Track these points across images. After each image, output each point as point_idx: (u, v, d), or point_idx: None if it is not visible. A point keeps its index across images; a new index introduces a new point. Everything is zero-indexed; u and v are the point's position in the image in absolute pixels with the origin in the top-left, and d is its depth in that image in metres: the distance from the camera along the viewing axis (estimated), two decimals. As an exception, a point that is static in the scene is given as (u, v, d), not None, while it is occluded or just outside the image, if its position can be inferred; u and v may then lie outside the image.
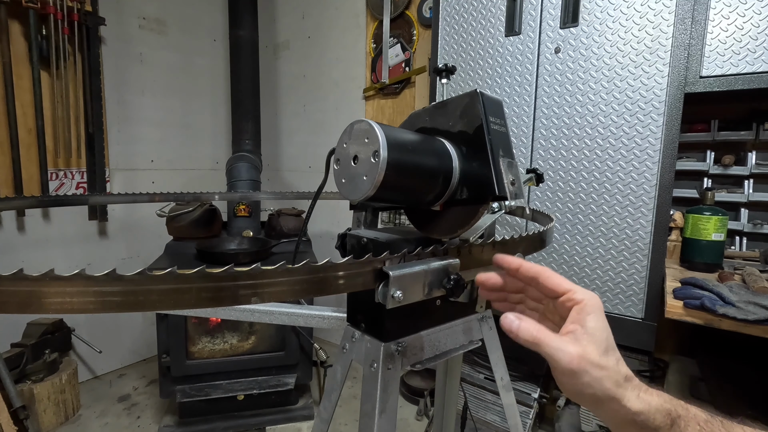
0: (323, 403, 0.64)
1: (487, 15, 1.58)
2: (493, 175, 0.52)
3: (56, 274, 0.30)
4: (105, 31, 2.30)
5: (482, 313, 0.71)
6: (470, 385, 1.88)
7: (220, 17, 2.83)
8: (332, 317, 0.66)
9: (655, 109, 1.30)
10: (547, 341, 0.40)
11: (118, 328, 2.53)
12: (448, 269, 0.49)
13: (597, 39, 1.37)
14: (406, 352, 0.58)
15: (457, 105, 0.57)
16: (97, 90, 2.22)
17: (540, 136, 1.52)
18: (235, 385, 1.98)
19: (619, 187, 1.38)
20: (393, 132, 0.49)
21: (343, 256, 0.58)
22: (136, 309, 0.32)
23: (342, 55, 2.66)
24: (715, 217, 1.30)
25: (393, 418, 0.55)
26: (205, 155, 2.90)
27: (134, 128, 2.52)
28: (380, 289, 0.45)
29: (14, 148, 2.01)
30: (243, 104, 2.49)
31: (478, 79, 1.64)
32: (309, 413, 2.10)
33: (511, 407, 0.79)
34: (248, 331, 2.11)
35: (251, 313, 0.67)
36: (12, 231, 2.09)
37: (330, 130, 2.80)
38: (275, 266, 0.37)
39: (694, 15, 1.25)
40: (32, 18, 1.97)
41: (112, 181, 2.42)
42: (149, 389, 2.34)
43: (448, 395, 0.93)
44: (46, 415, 1.94)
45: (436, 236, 0.61)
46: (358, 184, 0.48)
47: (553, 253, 1.53)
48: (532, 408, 1.75)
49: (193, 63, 2.77)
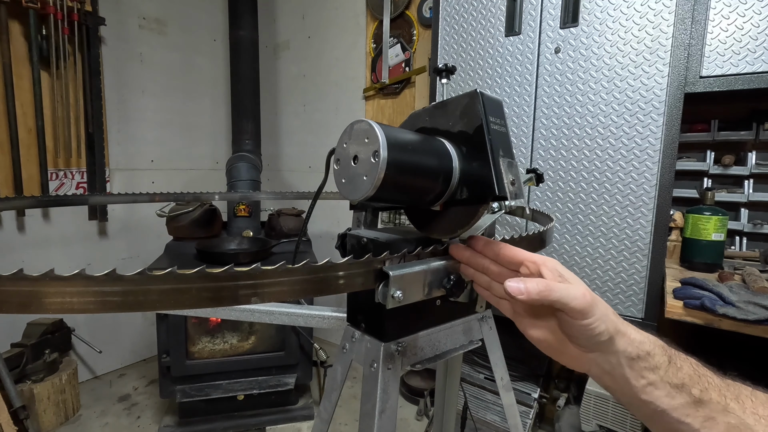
0: (323, 403, 0.64)
1: (487, 15, 1.58)
2: (493, 175, 0.52)
3: (56, 274, 0.30)
4: (105, 31, 2.30)
5: (482, 313, 0.71)
6: (470, 385, 1.88)
7: (220, 17, 2.83)
8: (332, 317, 0.66)
9: (655, 109, 1.30)
10: (556, 288, 0.42)
11: (118, 328, 2.53)
12: (448, 269, 0.49)
13: (597, 39, 1.37)
14: (406, 352, 0.58)
15: (457, 105, 0.57)
16: (97, 90, 2.22)
17: (540, 136, 1.52)
18: (235, 385, 1.98)
19: (619, 187, 1.38)
20: (393, 132, 0.49)
21: (343, 256, 0.58)
22: (136, 309, 0.32)
23: (342, 55, 2.66)
24: (715, 217, 1.30)
25: (393, 418, 0.55)
26: (205, 155, 2.90)
27: (134, 128, 2.52)
28: (380, 289, 0.45)
29: (14, 148, 2.01)
30: (243, 104, 2.49)
31: (478, 79, 1.64)
32: (309, 413, 2.10)
33: (511, 407, 0.79)
34: (248, 331, 2.11)
35: (251, 313, 0.67)
36: (12, 231, 2.09)
37: (330, 130, 2.80)
38: (275, 266, 0.37)
39: (694, 15, 1.25)
40: (32, 18, 1.97)
41: (112, 181, 2.42)
42: (149, 389, 2.34)
43: (448, 395, 0.93)
44: (46, 415, 1.94)
45: (436, 236, 0.61)
46: (358, 184, 0.48)
47: (553, 253, 1.53)
48: (532, 408, 1.75)
49: (193, 63, 2.77)
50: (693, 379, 0.41)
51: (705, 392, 0.40)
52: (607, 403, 1.54)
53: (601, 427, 1.58)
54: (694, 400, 0.40)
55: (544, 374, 1.83)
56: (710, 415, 0.39)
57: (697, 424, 0.40)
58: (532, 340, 0.47)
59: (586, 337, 0.42)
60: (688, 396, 0.40)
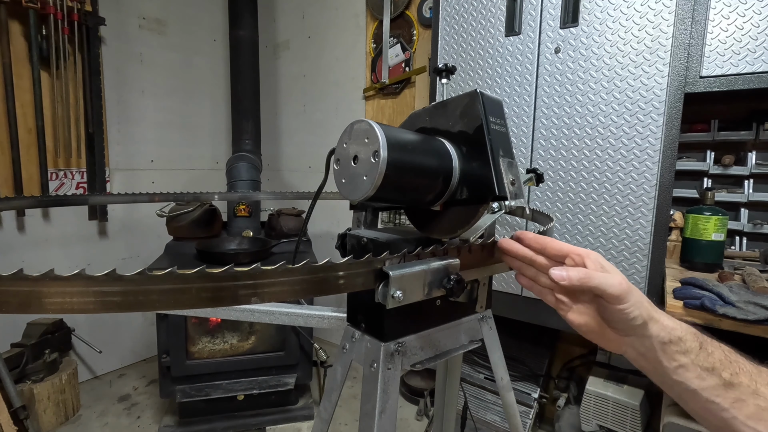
0: (323, 403, 0.64)
1: (487, 15, 1.58)
2: (493, 175, 0.52)
3: (56, 274, 0.30)
4: (105, 31, 2.30)
5: (482, 313, 0.71)
6: (470, 385, 1.88)
7: (220, 17, 2.83)
8: (332, 317, 0.66)
9: (655, 109, 1.30)
10: (595, 275, 0.46)
11: (118, 328, 2.53)
12: (448, 269, 0.49)
13: (597, 39, 1.37)
14: (406, 352, 0.58)
15: (457, 105, 0.57)
16: (97, 90, 2.22)
17: (540, 136, 1.52)
18: (235, 385, 1.98)
19: (619, 187, 1.38)
20: (393, 132, 0.49)
21: (343, 256, 0.58)
22: (136, 309, 0.32)
23: (342, 55, 2.66)
24: (715, 217, 1.30)
25: (393, 418, 0.55)
26: (205, 155, 2.90)
27: (134, 128, 2.52)
28: (380, 289, 0.45)
29: (14, 148, 2.01)
30: (243, 104, 2.49)
31: (478, 79, 1.64)
32: (309, 413, 2.10)
33: (511, 407, 0.79)
34: (248, 331, 2.11)
35: (251, 313, 0.67)
36: (12, 231, 2.09)
37: (330, 130, 2.80)
38: (275, 266, 0.37)
39: (694, 15, 1.25)
40: (32, 18, 1.97)
41: (112, 181, 2.42)
42: (149, 389, 2.34)
43: (448, 395, 0.93)
44: (46, 415, 1.94)
45: (436, 236, 0.61)
46: (358, 184, 0.48)
47: (553, 253, 1.53)
48: (532, 408, 1.75)
49: (193, 63, 2.77)
50: (724, 363, 0.44)
51: (735, 376, 0.43)
52: (607, 403, 1.54)
53: (601, 427, 1.58)
54: (724, 383, 0.43)
55: (544, 374, 1.83)
56: (740, 397, 0.42)
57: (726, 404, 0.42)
58: (574, 325, 0.51)
59: (622, 321, 0.46)
60: (718, 378, 0.43)
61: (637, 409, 1.48)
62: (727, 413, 0.42)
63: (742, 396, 0.42)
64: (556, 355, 1.93)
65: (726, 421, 0.43)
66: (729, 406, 0.42)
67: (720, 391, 0.43)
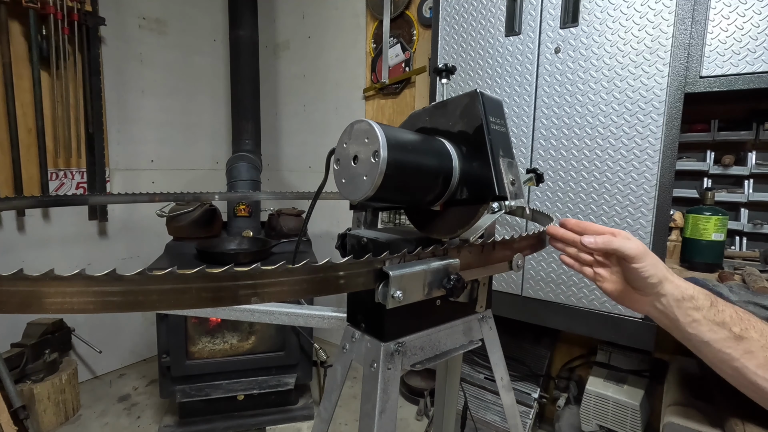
0: (323, 403, 0.64)
1: (487, 15, 1.58)
2: (493, 175, 0.52)
3: (56, 274, 0.30)
4: (105, 31, 2.30)
5: (482, 313, 0.71)
6: (470, 385, 1.88)
7: (220, 17, 2.83)
8: (332, 317, 0.66)
9: (655, 109, 1.30)
10: (616, 240, 0.55)
11: (118, 328, 2.53)
12: (448, 269, 0.49)
13: (597, 39, 1.37)
14: (406, 352, 0.58)
15: (457, 105, 0.57)
16: (97, 90, 2.22)
17: (540, 136, 1.52)
18: (235, 385, 1.98)
19: (619, 187, 1.38)
20: (393, 132, 0.49)
21: (343, 256, 0.58)
22: (136, 309, 0.32)
23: (342, 55, 2.66)
24: (715, 217, 1.30)
25: (393, 418, 0.55)
26: (205, 155, 2.90)
27: (134, 128, 2.52)
28: (380, 289, 0.45)
29: (14, 148, 2.01)
30: (243, 104, 2.49)
31: (478, 79, 1.64)
32: (309, 413, 2.10)
33: (511, 407, 0.79)
34: (248, 331, 2.11)
35: (251, 313, 0.67)
36: (12, 231, 2.09)
37: (330, 130, 2.80)
38: (275, 266, 0.37)
39: (694, 15, 1.25)
40: (32, 18, 1.97)
41: (112, 181, 2.42)
42: (149, 389, 2.34)
43: (448, 395, 0.93)
44: (46, 415, 1.94)
45: (436, 236, 0.61)
46: (358, 184, 0.48)
47: (553, 253, 1.53)
48: (532, 408, 1.75)
49: (193, 63, 2.77)
50: (734, 319, 0.51)
51: (745, 331, 0.50)
52: (607, 403, 1.54)
53: (601, 427, 1.58)
54: (734, 336, 0.50)
55: (544, 374, 1.83)
56: (749, 349, 0.49)
57: (737, 354, 0.49)
58: (606, 292, 0.60)
59: (640, 279, 0.54)
60: (728, 332, 0.50)
61: (637, 409, 1.48)
62: (738, 362, 0.49)
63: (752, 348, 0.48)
64: (556, 355, 1.93)
65: (738, 370, 0.49)
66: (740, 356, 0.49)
67: (731, 343, 0.49)
